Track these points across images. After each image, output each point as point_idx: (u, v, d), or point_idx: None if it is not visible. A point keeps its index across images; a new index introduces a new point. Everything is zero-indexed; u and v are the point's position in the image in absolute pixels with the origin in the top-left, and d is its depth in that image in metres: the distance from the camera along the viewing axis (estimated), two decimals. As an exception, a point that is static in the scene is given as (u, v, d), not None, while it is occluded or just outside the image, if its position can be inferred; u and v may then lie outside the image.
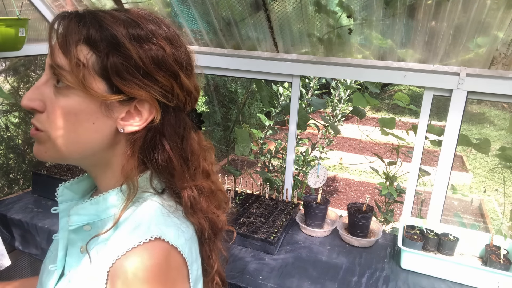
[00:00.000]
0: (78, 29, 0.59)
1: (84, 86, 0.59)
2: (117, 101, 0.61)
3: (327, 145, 3.50)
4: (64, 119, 0.60)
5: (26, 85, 2.63)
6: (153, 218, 0.62)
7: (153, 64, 0.61)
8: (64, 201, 0.73)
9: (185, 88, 0.65)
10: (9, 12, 1.79)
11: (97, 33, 0.58)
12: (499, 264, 1.39)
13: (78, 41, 0.58)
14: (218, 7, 1.70)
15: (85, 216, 0.66)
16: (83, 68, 0.58)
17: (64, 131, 0.60)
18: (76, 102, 0.60)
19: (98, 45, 0.58)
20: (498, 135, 5.22)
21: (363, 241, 1.60)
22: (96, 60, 0.59)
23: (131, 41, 0.59)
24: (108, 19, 0.59)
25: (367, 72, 1.67)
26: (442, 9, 1.37)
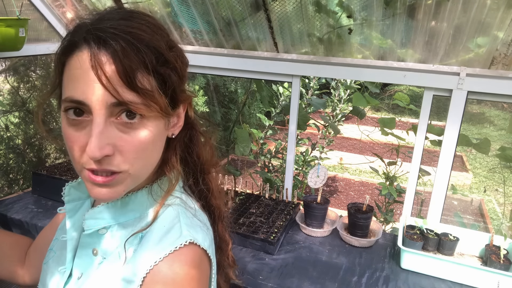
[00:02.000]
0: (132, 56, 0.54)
1: (169, 112, 0.58)
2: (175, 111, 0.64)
3: (327, 145, 3.50)
4: (145, 150, 0.58)
5: (26, 85, 2.63)
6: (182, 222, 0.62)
7: (185, 67, 0.63)
8: (71, 201, 0.72)
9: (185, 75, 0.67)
10: (9, 12, 1.79)
11: (148, 55, 0.55)
12: (499, 264, 1.39)
13: (136, 69, 0.54)
14: (218, 7, 1.70)
15: (102, 220, 0.65)
16: (154, 96, 0.56)
17: (144, 162, 0.59)
18: (153, 131, 0.58)
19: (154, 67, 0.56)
20: (498, 135, 5.22)
21: (363, 241, 1.60)
22: (157, 82, 0.57)
23: (168, 51, 0.59)
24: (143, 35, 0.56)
25: (367, 72, 1.67)
26: (442, 9, 1.37)
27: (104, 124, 0.55)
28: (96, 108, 0.54)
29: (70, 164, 2.19)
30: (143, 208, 0.66)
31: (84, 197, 0.74)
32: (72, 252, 0.69)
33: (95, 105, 0.54)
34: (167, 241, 0.59)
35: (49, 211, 1.75)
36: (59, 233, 0.77)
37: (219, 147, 4.00)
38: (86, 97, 0.53)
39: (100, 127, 0.54)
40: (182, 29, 1.92)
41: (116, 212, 0.65)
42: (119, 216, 0.65)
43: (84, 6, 2.04)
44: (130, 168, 0.58)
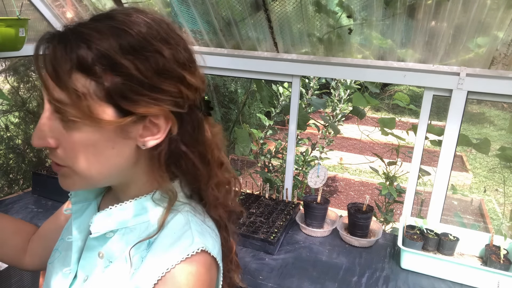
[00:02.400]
0: (66, 56, 0.52)
1: (93, 118, 0.54)
2: (131, 122, 0.57)
3: (327, 145, 3.50)
4: (83, 152, 0.57)
5: (26, 85, 2.63)
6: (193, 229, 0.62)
7: (156, 75, 0.55)
8: (78, 202, 0.71)
9: (192, 86, 0.60)
10: (9, 12, 1.79)
11: (88, 56, 0.52)
12: (499, 264, 1.39)
13: (70, 70, 0.52)
14: (218, 7, 1.70)
15: (110, 224, 0.64)
16: (85, 99, 0.53)
17: (86, 163, 0.58)
18: (90, 134, 0.56)
19: (93, 69, 0.53)
20: (498, 135, 5.22)
21: (363, 241, 1.60)
22: (97, 86, 0.53)
23: (125, 55, 0.53)
24: (94, 36, 0.53)
25: (367, 72, 1.67)
26: (442, 9, 1.37)
27: (48, 118, 0.57)
28: (45, 102, 0.57)
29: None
30: (150, 214, 0.65)
31: (91, 198, 0.73)
32: (77, 254, 0.69)
33: (44, 100, 0.57)
34: (179, 248, 0.59)
35: (49, 211, 1.75)
36: (65, 234, 0.76)
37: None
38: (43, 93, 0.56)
39: (42, 120, 0.57)
40: (182, 29, 1.92)
41: (123, 216, 0.65)
42: (127, 221, 0.65)
43: (84, 6, 2.04)
44: (74, 166, 0.58)
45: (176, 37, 0.59)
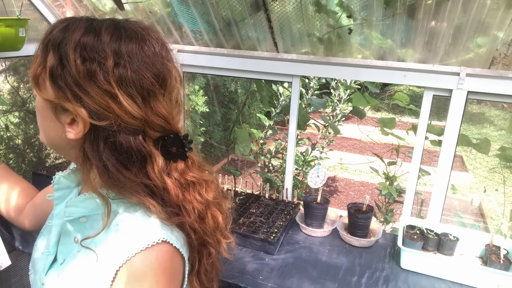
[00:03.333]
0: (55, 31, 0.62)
1: (36, 84, 0.64)
2: (61, 107, 0.63)
3: (327, 145, 3.50)
4: (37, 110, 0.69)
5: (26, 85, 2.63)
6: (154, 222, 0.65)
7: (85, 76, 0.59)
8: (60, 189, 0.76)
9: (129, 112, 0.61)
10: (9, 12, 1.79)
11: (59, 38, 0.62)
12: (499, 264, 1.39)
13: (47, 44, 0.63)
14: (218, 7, 1.70)
15: (83, 209, 0.69)
16: (40, 67, 0.63)
17: (38, 120, 0.70)
18: (38, 99, 0.67)
19: (55, 49, 0.61)
20: (498, 135, 5.22)
21: (363, 241, 1.60)
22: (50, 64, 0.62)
23: (76, 49, 0.60)
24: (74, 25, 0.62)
25: (367, 72, 1.67)
26: (442, 9, 1.37)
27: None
28: None
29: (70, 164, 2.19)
30: (114, 205, 0.67)
31: (72, 186, 0.78)
32: (56, 238, 0.73)
33: None
34: (141, 238, 0.62)
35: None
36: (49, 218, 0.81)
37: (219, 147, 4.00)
38: None
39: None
40: (182, 29, 1.92)
41: (95, 204, 0.68)
42: (96, 208, 0.68)
43: (84, 6, 2.04)
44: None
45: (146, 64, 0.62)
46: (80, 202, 0.69)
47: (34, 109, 2.68)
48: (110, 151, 0.62)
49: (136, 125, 0.63)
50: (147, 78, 0.62)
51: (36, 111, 0.70)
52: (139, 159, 0.64)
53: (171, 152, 0.67)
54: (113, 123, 0.61)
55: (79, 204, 0.69)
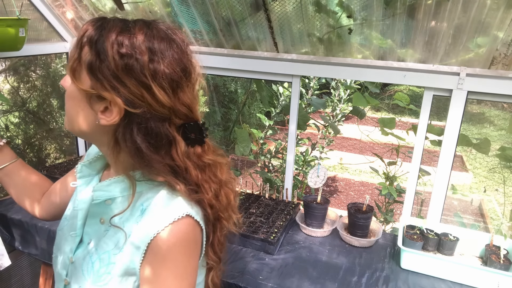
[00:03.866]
0: (90, 30, 0.70)
1: (73, 76, 0.71)
2: (96, 96, 0.71)
3: (327, 145, 3.50)
4: (67, 100, 0.75)
5: (26, 85, 2.63)
6: (178, 199, 0.74)
7: (123, 70, 0.68)
8: (83, 177, 0.86)
9: (161, 101, 0.69)
10: (9, 12, 1.79)
11: (95, 36, 0.69)
12: (499, 264, 1.39)
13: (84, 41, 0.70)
14: (218, 7, 1.70)
15: (108, 192, 0.78)
16: (76, 61, 0.70)
17: (67, 109, 0.76)
18: (72, 89, 0.73)
19: (92, 46, 0.69)
20: (498, 135, 5.22)
21: (363, 241, 1.60)
22: (89, 59, 0.69)
23: (113, 45, 0.68)
24: (109, 25, 0.69)
25: (367, 72, 1.67)
26: (442, 9, 1.37)
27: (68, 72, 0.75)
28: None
29: (70, 164, 2.19)
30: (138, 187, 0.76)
31: (93, 174, 0.87)
32: (82, 220, 0.82)
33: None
34: (168, 214, 0.71)
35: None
36: (72, 204, 0.89)
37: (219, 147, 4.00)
38: None
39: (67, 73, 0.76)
40: (182, 29, 1.92)
41: (119, 186, 0.77)
42: (123, 190, 0.77)
43: (84, 6, 2.04)
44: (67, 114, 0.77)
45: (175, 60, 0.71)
46: (106, 186, 0.77)
47: (34, 109, 2.68)
48: (143, 136, 0.71)
49: (165, 113, 0.71)
50: (177, 72, 0.71)
51: (67, 101, 0.75)
52: (166, 143, 0.72)
53: (190, 138, 0.76)
54: (146, 111, 0.69)
55: (104, 188, 0.77)
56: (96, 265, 0.76)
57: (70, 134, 2.86)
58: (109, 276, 0.74)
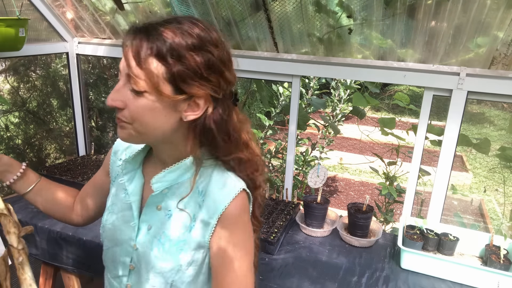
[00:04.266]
0: (147, 44, 0.73)
1: (159, 92, 0.75)
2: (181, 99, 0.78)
3: (327, 145, 3.50)
4: (143, 114, 0.77)
5: (26, 85, 2.63)
6: (231, 176, 0.85)
7: (206, 68, 0.76)
8: (127, 173, 0.93)
9: (228, 80, 0.80)
10: (9, 12, 1.79)
11: (163, 48, 0.73)
12: (499, 264, 1.40)
13: (149, 55, 0.73)
14: (218, 7, 1.70)
15: (165, 182, 0.86)
16: (157, 77, 0.74)
17: (143, 123, 0.78)
18: (152, 102, 0.76)
19: (165, 58, 0.73)
20: (498, 135, 5.22)
21: (363, 241, 1.60)
22: (165, 70, 0.74)
23: (189, 51, 0.74)
24: (169, 34, 0.74)
25: (367, 72, 1.67)
26: (442, 9, 1.37)
27: (122, 86, 0.77)
28: (121, 74, 0.77)
29: (70, 164, 2.19)
30: (191, 172, 0.86)
31: (135, 168, 0.94)
32: (137, 211, 0.90)
33: (121, 72, 0.77)
34: (228, 191, 0.83)
35: (49, 211, 1.75)
36: (115, 199, 0.95)
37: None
38: (120, 66, 0.77)
39: (118, 87, 0.77)
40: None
41: (173, 175, 0.86)
42: (176, 179, 0.87)
43: (84, 6, 2.04)
44: (133, 123, 0.78)
45: (222, 42, 0.80)
46: (162, 177, 0.86)
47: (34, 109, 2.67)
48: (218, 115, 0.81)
49: (229, 89, 0.82)
50: (229, 54, 0.82)
51: (142, 116, 0.77)
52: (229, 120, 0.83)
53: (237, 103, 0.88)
54: (223, 93, 0.80)
55: (162, 179, 0.86)
56: (167, 245, 0.85)
57: (71, 134, 2.86)
58: (182, 252, 0.84)
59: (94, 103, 3.15)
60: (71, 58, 2.29)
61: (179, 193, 0.87)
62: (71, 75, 2.33)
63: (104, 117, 3.22)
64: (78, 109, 2.39)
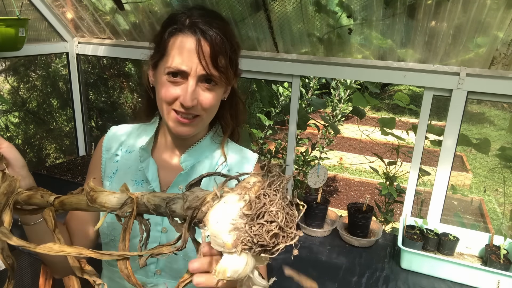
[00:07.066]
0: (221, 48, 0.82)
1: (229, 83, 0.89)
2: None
3: (327, 145, 3.50)
4: (216, 104, 0.89)
5: (26, 85, 2.63)
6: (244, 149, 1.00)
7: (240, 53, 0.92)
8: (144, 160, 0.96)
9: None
10: (9, 12, 1.80)
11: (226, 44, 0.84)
12: (499, 264, 1.39)
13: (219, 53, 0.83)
14: (218, 7, 1.70)
15: (192, 160, 0.94)
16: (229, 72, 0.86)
17: (211, 114, 0.90)
18: (219, 93, 0.88)
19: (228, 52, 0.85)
20: (498, 135, 5.22)
21: (363, 241, 1.60)
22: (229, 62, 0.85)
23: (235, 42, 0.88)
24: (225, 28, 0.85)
25: (367, 72, 1.67)
26: (442, 9, 1.37)
27: (193, 86, 0.83)
28: (192, 75, 0.82)
29: (70, 164, 2.19)
30: (213, 147, 0.97)
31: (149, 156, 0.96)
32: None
33: (192, 74, 0.82)
34: (249, 161, 0.97)
35: (49, 211, 1.75)
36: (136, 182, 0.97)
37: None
38: (188, 68, 0.82)
39: (193, 88, 0.83)
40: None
41: (197, 153, 0.95)
42: (200, 156, 0.95)
43: (84, 6, 2.04)
44: (204, 115, 0.88)
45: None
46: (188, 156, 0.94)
47: (34, 109, 2.67)
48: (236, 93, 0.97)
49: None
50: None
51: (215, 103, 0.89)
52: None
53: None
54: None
55: (188, 158, 0.94)
56: None
57: (71, 134, 2.86)
58: None
59: (94, 103, 3.15)
60: (71, 58, 2.29)
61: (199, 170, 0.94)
62: (71, 75, 2.33)
63: (104, 117, 3.22)
64: (78, 109, 2.39)
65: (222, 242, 0.49)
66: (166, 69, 0.83)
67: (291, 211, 0.51)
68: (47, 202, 0.66)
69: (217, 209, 0.51)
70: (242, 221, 0.49)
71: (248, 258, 0.52)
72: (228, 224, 0.49)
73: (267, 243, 0.52)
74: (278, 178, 0.51)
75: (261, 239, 0.51)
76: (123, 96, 3.38)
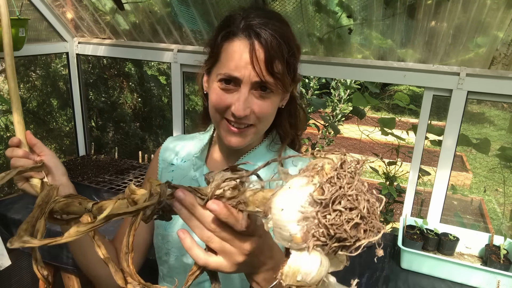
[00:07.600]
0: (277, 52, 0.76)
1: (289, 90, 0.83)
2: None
3: (327, 145, 3.50)
4: (271, 112, 0.83)
5: (26, 85, 2.63)
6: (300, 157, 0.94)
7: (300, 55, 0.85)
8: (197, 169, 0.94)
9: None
10: (9, 12, 1.79)
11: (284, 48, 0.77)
12: (499, 264, 1.39)
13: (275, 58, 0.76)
14: (218, 7, 1.70)
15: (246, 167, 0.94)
16: (287, 78, 0.80)
17: (266, 122, 0.85)
18: (275, 101, 0.83)
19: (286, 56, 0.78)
20: (498, 135, 5.22)
21: (363, 241, 1.60)
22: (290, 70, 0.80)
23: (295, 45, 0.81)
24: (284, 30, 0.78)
25: (367, 72, 1.67)
26: (442, 9, 1.37)
27: (247, 94, 0.78)
28: (245, 83, 0.77)
29: (70, 164, 2.19)
30: (269, 156, 0.91)
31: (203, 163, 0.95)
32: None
33: (245, 81, 0.77)
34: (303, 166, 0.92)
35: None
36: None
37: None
38: (241, 75, 0.77)
39: (246, 95, 0.78)
40: (182, 29, 1.92)
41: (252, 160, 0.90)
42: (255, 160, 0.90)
43: (84, 6, 2.04)
44: (258, 125, 0.82)
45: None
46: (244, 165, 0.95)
47: (34, 109, 2.67)
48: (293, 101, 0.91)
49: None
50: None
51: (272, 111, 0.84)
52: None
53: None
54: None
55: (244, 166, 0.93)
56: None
57: (71, 134, 2.86)
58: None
59: (94, 103, 3.15)
60: (71, 58, 2.29)
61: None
62: (71, 75, 2.33)
63: (104, 117, 3.22)
64: (78, 109, 2.39)
65: (289, 235, 0.39)
66: (218, 76, 0.79)
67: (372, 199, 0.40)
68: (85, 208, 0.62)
69: (281, 194, 0.41)
70: (312, 209, 0.39)
71: (322, 257, 0.42)
72: (296, 212, 0.39)
73: (346, 236, 0.39)
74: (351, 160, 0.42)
75: (339, 230, 0.38)
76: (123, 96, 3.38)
